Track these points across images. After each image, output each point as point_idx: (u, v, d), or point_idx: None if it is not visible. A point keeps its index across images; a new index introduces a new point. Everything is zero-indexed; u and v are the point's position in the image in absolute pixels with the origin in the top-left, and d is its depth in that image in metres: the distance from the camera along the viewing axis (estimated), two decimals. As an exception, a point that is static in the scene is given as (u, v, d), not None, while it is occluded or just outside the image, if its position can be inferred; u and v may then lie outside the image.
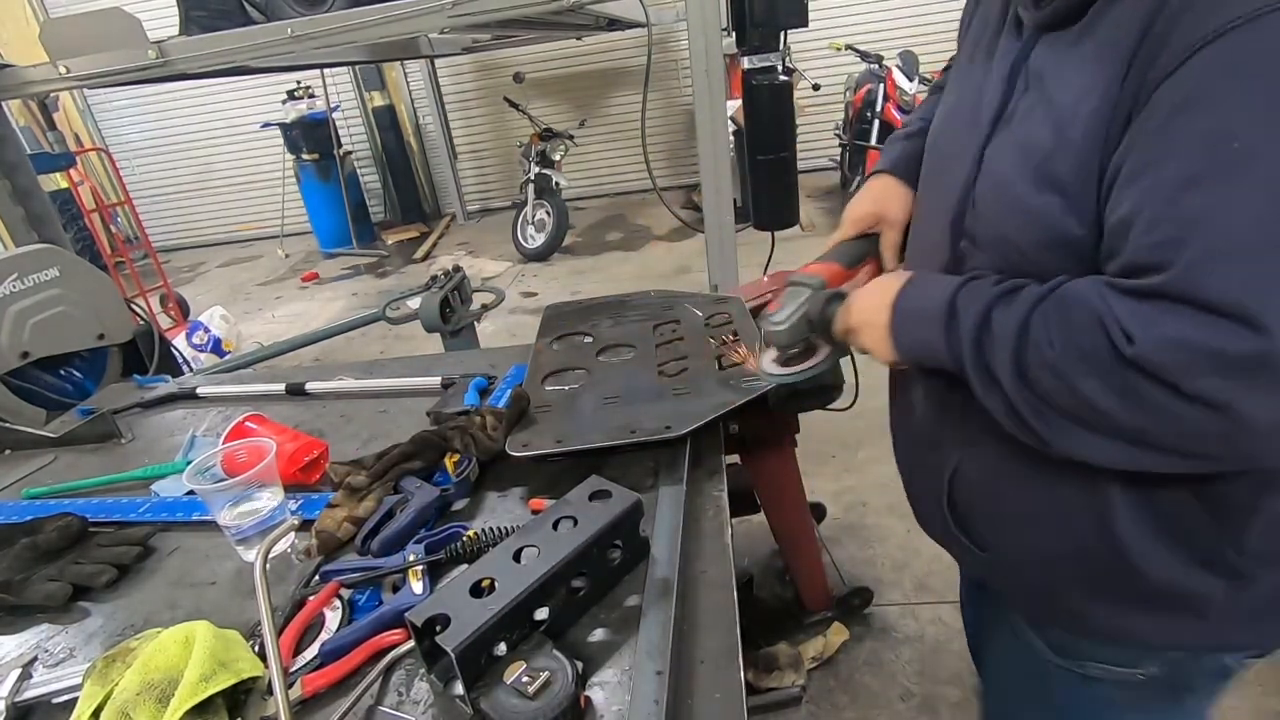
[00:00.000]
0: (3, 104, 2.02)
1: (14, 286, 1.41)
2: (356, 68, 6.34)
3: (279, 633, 0.69)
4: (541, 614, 0.66)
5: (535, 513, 0.86)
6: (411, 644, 0.67)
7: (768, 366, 0.93)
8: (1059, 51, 0.64)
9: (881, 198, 0.93)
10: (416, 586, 0.74)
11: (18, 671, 0.72)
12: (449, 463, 0.91)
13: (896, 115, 4.77)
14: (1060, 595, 0.74)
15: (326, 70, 5.88)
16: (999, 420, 0.62)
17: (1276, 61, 0.48)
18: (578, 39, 5.79)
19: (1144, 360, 0.51)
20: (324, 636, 0.71)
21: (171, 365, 1.91)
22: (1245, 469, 0.59)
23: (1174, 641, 0.71)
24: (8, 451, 1.26)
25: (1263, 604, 0.66)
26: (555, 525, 0.71)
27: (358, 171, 6.45)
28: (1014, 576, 0.79)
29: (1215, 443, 0.52)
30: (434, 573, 0.77)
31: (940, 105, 0.83)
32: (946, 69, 0.99)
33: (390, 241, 6.35)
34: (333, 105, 6.07)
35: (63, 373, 1.59)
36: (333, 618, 0.73)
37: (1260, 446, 0.52)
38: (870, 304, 0.75)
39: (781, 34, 3.66)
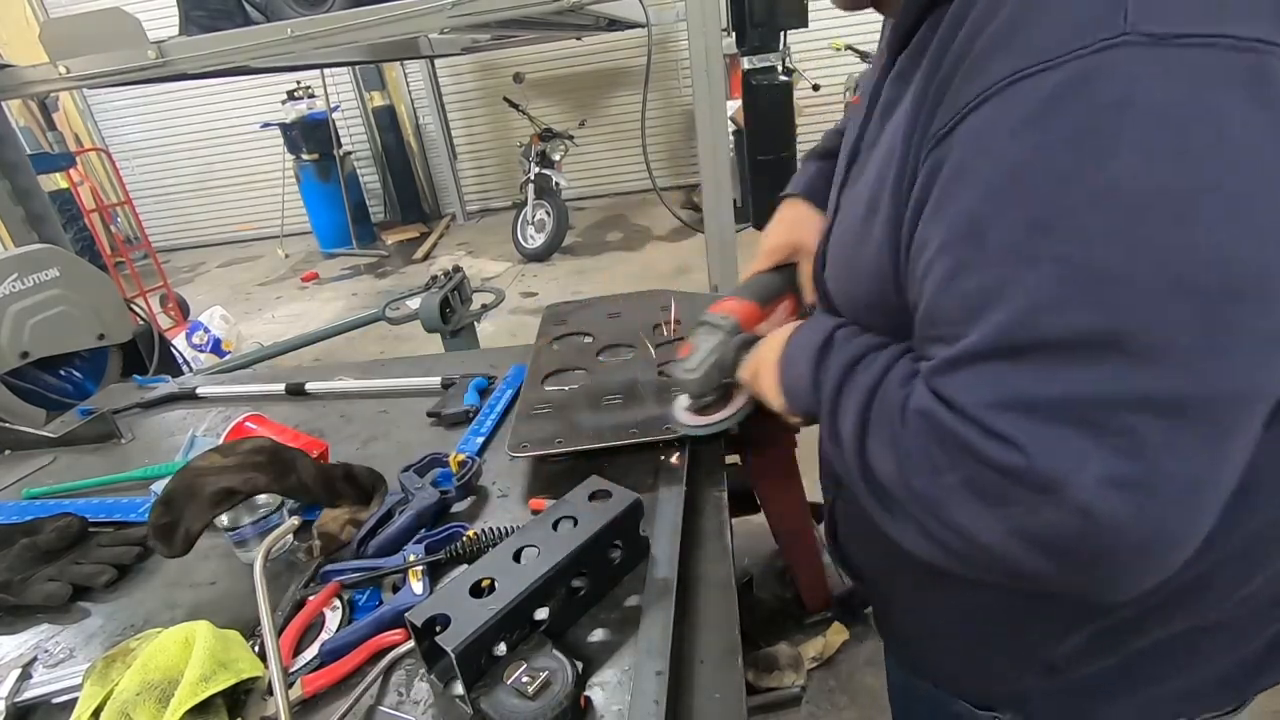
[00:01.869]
0: (3, 104, 2.02)
1: (14, 286, 1.41)
2: (356, 68, 6.34)
3: (279, 633, 0.69)
4: (541, 614, 0.66)
5: (535, 513, 0.86)
6: (411, 644, 0.67)
7: (681, 416, 0.88)
8: (902, 77, 0.53)
9: (796, 226, 0.86)
10: (416, 586, 0.74)
11: (18, 672, 0.72)
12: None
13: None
14: (913, 634, 0.73)
15: (326, 70, 5.88)
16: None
17: (1015, 145, 0.40)
18: (578, 39, 5.79)
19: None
20: (324, 636, 0.71)
21: (171, 365, 1.91)
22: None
23: (1000, 703, 0.68)
24: (8, 451, 1.26)
25: (1077, 691, 0.62)
26: (555, 525, 0.71)
27: (358, 171, 6.44)
28: (879, 607, 0.78)
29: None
30: (434, 573, 0.77)
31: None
32: None
33: (390, 242, 6.34)
34: (333, 105, 6.07)
35: (63, 373, 1.59)
36: (333, 618, 0.74)
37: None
38: (770, 343, 0.69)
39: (781, 34, 3.68)
